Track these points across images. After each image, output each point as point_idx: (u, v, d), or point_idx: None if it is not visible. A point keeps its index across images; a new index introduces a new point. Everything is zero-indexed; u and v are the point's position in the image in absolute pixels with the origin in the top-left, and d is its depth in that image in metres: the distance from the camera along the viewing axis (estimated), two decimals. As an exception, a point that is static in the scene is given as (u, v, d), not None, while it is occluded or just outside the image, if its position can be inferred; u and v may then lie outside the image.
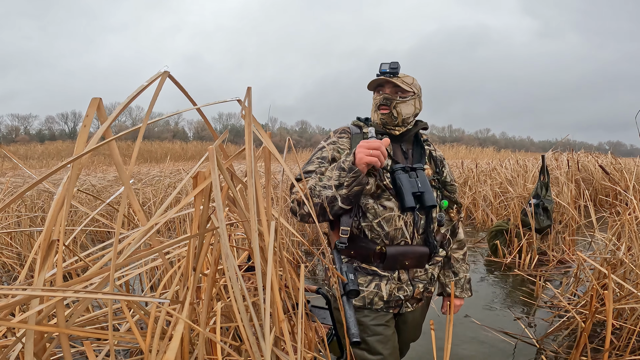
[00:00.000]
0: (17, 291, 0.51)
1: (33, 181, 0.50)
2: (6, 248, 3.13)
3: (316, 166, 1.20)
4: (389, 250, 1.18)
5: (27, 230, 1.35)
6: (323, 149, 1.25)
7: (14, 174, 6.94)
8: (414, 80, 1.28)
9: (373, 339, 1.20)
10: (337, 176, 1.07)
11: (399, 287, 1.22)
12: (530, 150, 36.71)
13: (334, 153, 1.23)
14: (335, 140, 1.27)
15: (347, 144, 1.26)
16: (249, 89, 0.58)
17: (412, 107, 1.26)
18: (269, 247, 0.62)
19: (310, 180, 1.14)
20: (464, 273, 1.42)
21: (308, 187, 1.11)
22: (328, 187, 1.09)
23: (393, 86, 1.25)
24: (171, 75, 0.52)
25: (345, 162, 1.08)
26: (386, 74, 1.24)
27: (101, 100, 0.52)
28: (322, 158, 1.22)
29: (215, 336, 0.73)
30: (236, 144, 30.74)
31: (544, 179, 3.73)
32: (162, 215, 0.61)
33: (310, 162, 1.23)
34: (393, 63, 1.23)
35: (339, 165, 1.09)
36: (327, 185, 1.09)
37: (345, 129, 1.30)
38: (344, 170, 1.06)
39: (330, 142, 1.27)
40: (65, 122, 46.67)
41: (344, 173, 1.06)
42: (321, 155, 1.23)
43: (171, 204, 3.82)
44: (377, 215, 1.18)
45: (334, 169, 1.10)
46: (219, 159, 0.57)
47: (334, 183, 1.07)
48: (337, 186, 1.07)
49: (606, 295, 1.51)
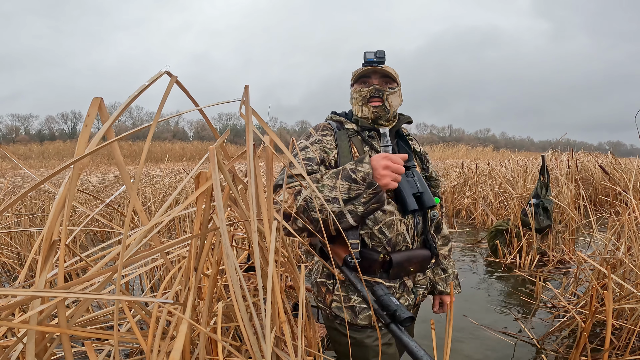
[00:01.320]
0: (19, 292, 0.51)
1: (33, 181, 0.50)
2: (6, 248, 3.13)
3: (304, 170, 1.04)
4: (394, 257, 1.07)
5: (27, 230, 1.35)
6: (307, 149, 1.09)
7: (14, 174, 6.93)
8: (395, 70, 1.19)
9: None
10: (347, 189, 0.93)
11: (400, 297, 1.13)
12: (530, 150, 36.75)
13: (322, 154, 1.09)
14: (319, 139, 1.12)
15: (332, 142, 1.12)
16: (247, 87, 0.58)
17: (399, 98, 1.18)
18: (271, 247, 0.62)
19: (304, 190, 0.96)
20: (452, 269, 1.33)
21: (302, 198, 0.95)
22: (333, 201, 0.93)
23: (381, 76, 1.15)
24: (172, 75, 0.52)
25: (357, 171, 0.93)
26: (373, 63, 1.14)
27: (102, 100, 0.52)
28: (309, 159, 1.07)
29: (217, 336, 0.73)
30: (236, 144, 30.74)
31: (544, 179, 3.73)
32: (164, 215, 0.61)
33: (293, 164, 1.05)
34: (379, 51, 1.14)
35: (345, 174, 0.94)
36: (332, 197, 0.93)
37: (327, 126, 1.17)
38: (356, 182, 0.93)
39: (315, 140, 1.12)
40: (65, 122, 46.71)
41: (356, 186, 0.92)
42: (306, 156, 1.08)
43: (171, 204, 3.81)
44: (377, 221, 1.07)
45: (339, 177, 0.95)
46: (219, 160, 0.57)
47: (342, 197, 0.93)
48: (346, 200, 0.93)
49: (606, 295, 1.51)
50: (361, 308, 1.10)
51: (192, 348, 0.82)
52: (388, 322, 0.82)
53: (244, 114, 0.58)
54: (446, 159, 16.25)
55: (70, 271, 0.88)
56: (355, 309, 1.10)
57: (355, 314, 1.10)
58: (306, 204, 0.94)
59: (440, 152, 20.66)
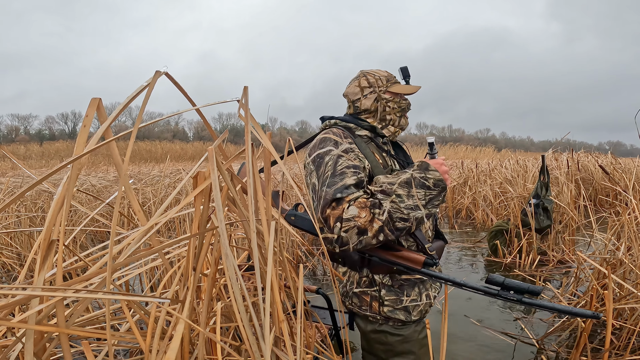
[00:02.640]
0: (17, 291, 0.51)
1: (32, 181, 0.50)
2: (6, 248, 3.13)
3: (355, 179, 1.03)
4: (429, 248, 1.12)
5: (27, 230, 1.35)
6: (342, 157, 1.07)
7: (14, 174, 6.94)
8: None
9: (423, 350, 1.22)
10: (423, 195, 1.02)
11: (430, 288, 1.24)
12: (530, 150, 36.74)
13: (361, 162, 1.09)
14: (350, 147, 1.11)
15: (357, 149, 1.12)
16: (245, 89, 0.58)
17: None
18: (269, 247, 0.62)
19: (384, 202, 0.98)
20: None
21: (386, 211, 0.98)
22: (416, 208, 1.00)
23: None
24: (170, 76, 0.52)
25: (427, 179, 1.03)
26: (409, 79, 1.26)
27: (101, 100, 0.52)
28: (355, 167, 1.05)
29: (216, 336, 0.73)
30: (236, 144, 30.74)
31: (544, 179, 3.73)
32: (162, 215, 0.61)
33: (339, 174, 1.03)
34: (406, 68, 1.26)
35: (418, 182, 1.02)
36: (414, 205, 1.00)
37: (346, 133, 1.16)
38: (429, 189, 1.02)
39: (347, 148, 1.10)
40: (65, 122, 46.71)
41: (429, 191, 1.03)
42: (349, 163, 1.06)
43: (171, 204, 3.82)
44: None
45: (412, 186, 1.01)
46: (218, 160, 0.57)
47: (421, 203, 1.01)
48: (424, 205, 1.02)
49: (606, 295, 1.51)
50: (413, 306, 1.19)
51: (192, 348, 0.82)
52: (497, 290, 0.97)
53: (243, 115, 0.58)
54: (446, 158, 16.23)
55: (69, 271, 0.89)
56: (408, 308, 1.18)
57: (409, 312, 1.18)
58: (389, 216, 0.98)
59: (441, 153, 20.66)
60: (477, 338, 2.34)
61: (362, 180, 1.04)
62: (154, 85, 0.53)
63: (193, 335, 0.86)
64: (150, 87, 0.53)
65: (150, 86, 0.53)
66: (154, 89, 0.56)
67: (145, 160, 24.03)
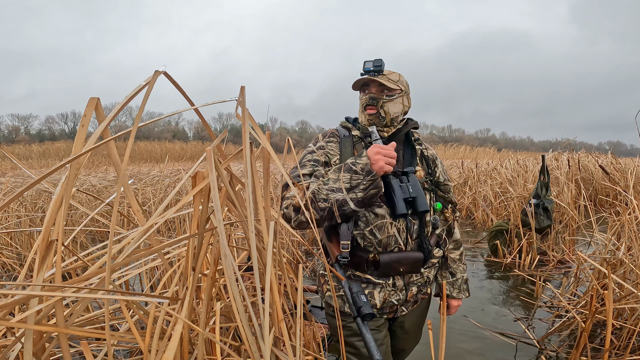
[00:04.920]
0: (16, 290, 0.51)
1: (32, 181, 0.50)
2: (6, 248, 3.13)
3: (310, 169, 1.17)
4: (382, 258, 1.15)
5: (27, 230, 1.35)
6: (313, 153, 1.22)
7: (14, 174, 6.94)
8: (400, 76, 1.23)
9: (362, 343, 1.18)
10: (349, 179, 1.06)
11: (391, 293, 1.20)
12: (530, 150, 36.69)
13: (325, 157, 1.21)
14: (323, 145, 1.24)
15: (336, 148, 1.23)
16: (242, 89, 0.58)
17: (400, 105, 1.22)
18: (268, 247, 0.62)
19: (312, 184, 1.11)
20: (461, 273, 1.38)
21: (310, 191, 1.08)
22: (337, 190, 1.06)
23: (378, 85, 1.21)
24: (168, 75, 0.52)
25: (356, 164, 1.06)
26: (370, 72, 1.20)
27: (99, 100, 0.52)
28: (315, 161, 1.19)
29: (215, 336, 0.73)
30: (236, 144, 30.68)
31: (544, 179, 3.72)
32: (161, 215, 0.61)
33: (302, 165, 1.20)
34: (377, 60, 1.20)
35: (347, 167, 1.07)
36: (336, 188, 1.07)
37: (334, 132, 1.27)
38: (356, 173, 1.06)
39: (320, 145, 1.24)
40: (65, 122, 46.72)
41: (356, 176, 1.05)
42: (312, 158, 1.20)
43: (170, 203, 3.82)
44: (368, 222, 1.16)
45: (341, 171, 1.08)
46: (216, 160, 0.57)
47: (345, 186, 1.06)
48: (348, 189, 1.05)
49: (606, 295, 1.51)
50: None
51: (191, 348, 0.82)
52: (355, 315, 1.01)
53: (240, 115, 0.58)
54: (447, 159, 16.24)
55: (69, 270, 0.88)
56: (344, 297, 1.20)
57: (344, 302, 1.20)
58: (314, 195, 1.07)
59: (440, 153, 20.67)
60: (478, 338, 2.34)
61: (316, 172, 1.16)
62: (153, 84, 0.53)
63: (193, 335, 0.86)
64: (150, 87, 0.53)
65: (150, 85, 0.53)
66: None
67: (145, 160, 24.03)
